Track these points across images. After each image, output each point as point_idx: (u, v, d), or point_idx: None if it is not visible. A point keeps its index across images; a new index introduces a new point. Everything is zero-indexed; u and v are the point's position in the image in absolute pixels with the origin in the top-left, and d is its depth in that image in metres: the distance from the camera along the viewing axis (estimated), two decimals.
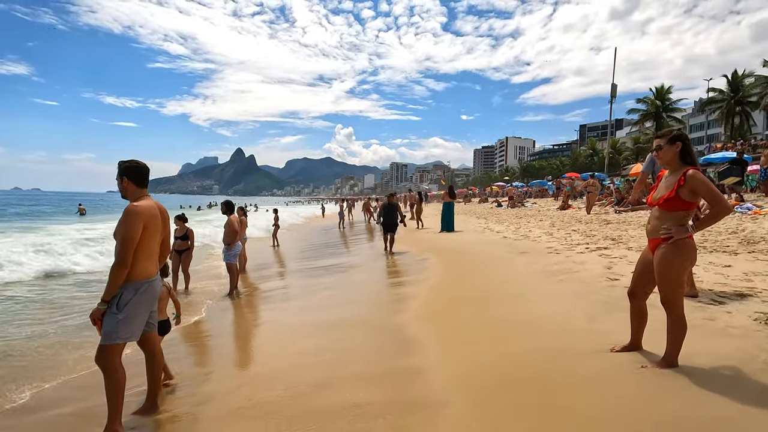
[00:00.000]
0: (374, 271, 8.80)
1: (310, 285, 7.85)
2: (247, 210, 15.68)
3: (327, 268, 9.51)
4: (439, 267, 7.77)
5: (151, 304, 2.90)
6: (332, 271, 9.19)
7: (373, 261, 9.97)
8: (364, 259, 10.72)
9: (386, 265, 9.01)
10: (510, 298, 5.12)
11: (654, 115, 44.08)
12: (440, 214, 14.39)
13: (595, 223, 12.13)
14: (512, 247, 8.95)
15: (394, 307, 5.46)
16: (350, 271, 9.13)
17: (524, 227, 12.81)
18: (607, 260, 6.30)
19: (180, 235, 7.72)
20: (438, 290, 6.06)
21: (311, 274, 9.05)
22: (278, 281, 8.77)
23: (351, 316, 5.29)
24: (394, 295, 6.31)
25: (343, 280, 8.07)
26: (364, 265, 9.67)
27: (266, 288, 8.02)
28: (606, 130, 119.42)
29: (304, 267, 10.25)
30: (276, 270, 10.38)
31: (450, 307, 5.17)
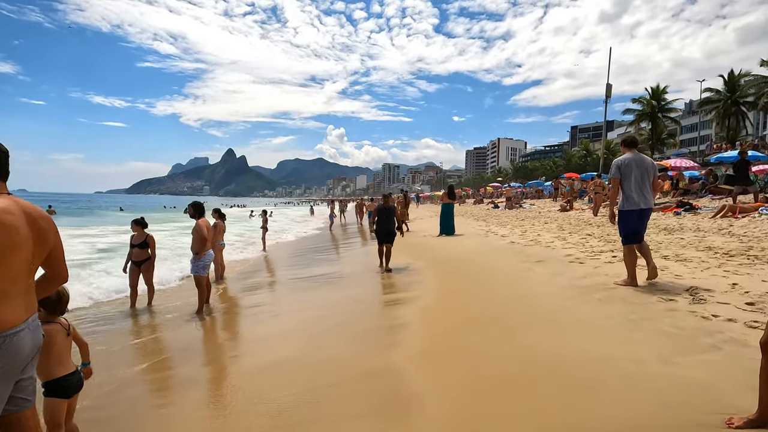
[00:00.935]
0: (367, 284, 7.66)
1: (293, 302, 6.70)
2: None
3: (315, 279, 8.37)
4: (442, 280, 6.70)
5: (12, 370, 1.78)
6: (320, 282, 8.05)
7: (366, 271, 8.86)
8: (357, 267, 9.63)
9: (381, 278, 7.85)
10: (540, 325, 4.07)
11: (650, 115, 43.61)
12: (437, 215, 13.36)
13: (607, 226, 11.18)
14: (525, 254, 7.92)
15: (387, 337, 4.33)
16: (340, 283, 7.98)
17: (531, 230, 11.83)
18: (647, 273, 5.29)
19: (138, 243, 6.54)
20: (444, 312, 4.99)
21: (296, 287, 7.89)
22: (257, 295, 7.58)
23: (335, 354, 4.09)
24: (387, 319, 5.09)
25: (330, 296, 6.88)
26: (356, 276, 8.58)
27: (243, 304, 6.88)
28: (597, 132, 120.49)
29: (290, 277, 9.11)
30: (258, 280, 9.22)
31: (461, 337, 4.08)
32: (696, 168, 17.03)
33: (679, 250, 6.71)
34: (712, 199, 14.20)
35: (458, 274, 7.13)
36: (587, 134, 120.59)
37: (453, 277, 6.84)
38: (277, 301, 7.09)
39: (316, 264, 10.64)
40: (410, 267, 8.16)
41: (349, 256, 12.06)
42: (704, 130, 64.83)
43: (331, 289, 7.38)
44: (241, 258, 12.20)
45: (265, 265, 11.25)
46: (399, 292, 6.50)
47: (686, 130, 71.16)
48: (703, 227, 8.97)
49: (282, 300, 7.09)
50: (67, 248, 2.05)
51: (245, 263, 11.39)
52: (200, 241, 6.10)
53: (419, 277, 7.19)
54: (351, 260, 11.17)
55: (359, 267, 9.59)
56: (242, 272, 9.98)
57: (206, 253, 6.16)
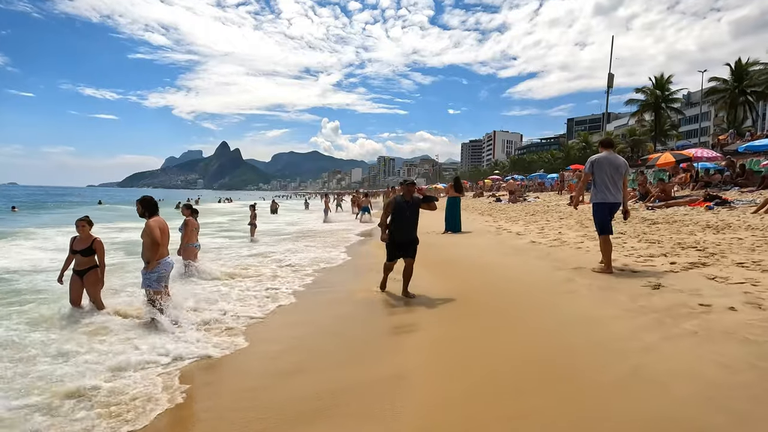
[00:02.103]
0: (353, 303, 5.63)
1: (263, 335, 5.34)
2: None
3: (300, 295, 6.93)
4: (459, 296, 5.24)
5: None
6: (305, 297, 6.58)
7: (357, 281, 7.47)
8: (349, 276, 8.28)
9: (373, 299, 5.59)
10: (629, 383, 2.78)
11: (653, 105, 42.40)
12: (441, 210, 12.04)
13: (636, 221, 9.94)
14: (555, 259, 6.65)
15: (375, 403, 2.77)
16: (330, 301, 6.59)
17: (548, 228, 10.56)
18: (740, 290, 4.02)
19: (82, 248, 5.15)
20: (466, 355, 3.53)
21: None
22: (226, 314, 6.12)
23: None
24: (377, 366, 3.44)
25: (313, 325, 4.82)
26: (348, 287, 7.20)
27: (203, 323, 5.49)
28: (594, 124, 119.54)
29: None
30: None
31: (501, 405, 2.68)
32: (716, 158, 15.84)
33: (748, 255, 5.47)
34: (741, 192, 13.01)
35: (478, 286, 5.76)
36: (584, 126, 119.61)
37: (472, 292, 5.45)
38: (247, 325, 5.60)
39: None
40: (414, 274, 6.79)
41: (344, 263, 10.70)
42: (705, 121, 63.81)
43: (315, 311, 5.58)
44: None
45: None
46: (397, 312, 4.86)
47: (684, 122, 70.15)
48: (756, 224, 7.74)
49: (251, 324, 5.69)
50: None
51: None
52: (151, 246, 4.73)
53: (426, 289, 5.54)
54: (348, 269, 9.80)
55: (346, 277, 8.22)
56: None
57: (161, 261, 4.80)
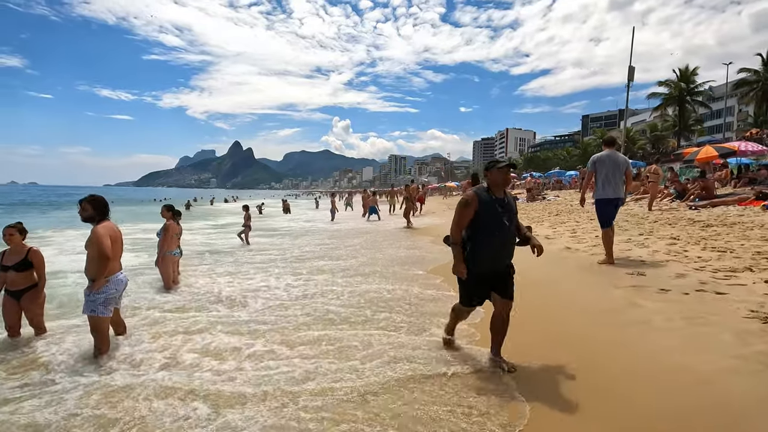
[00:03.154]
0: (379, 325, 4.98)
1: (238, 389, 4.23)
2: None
3: (291, 320, 5.87)
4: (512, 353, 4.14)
5: None
6: (300, 321, 5.52)
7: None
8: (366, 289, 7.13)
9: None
10: None
11: (677, 99, 40.43)
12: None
13: (684, 223, 8.65)
14: (602, 272, 5.45)
15: None
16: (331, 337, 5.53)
17: (579, 230, 9.33)
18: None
19: (15, 263, 4.14)
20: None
21: (259, 328, 5.42)
22: (201, 340, 4.74)
23: None
24: None
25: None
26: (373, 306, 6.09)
27: (180, 357, 4.40)
28: (609, 120, 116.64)
29: (261, 306, 6.58)
30: (217, 302, 6.80)
31: None
32: (762, 152, 14.36)
33: None
34: None
35: (524, 317, 4.59)
36: (599, 123, 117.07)
37: (519, 330, 4.11)
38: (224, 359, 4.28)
39: (310, 273, 8.17)
40: (438, 295, 5.62)
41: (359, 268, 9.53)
42: (729, 116, 61.18)
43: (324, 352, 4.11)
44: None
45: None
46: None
47: (705, 118, 67.46)
48: None
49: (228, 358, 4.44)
50: None
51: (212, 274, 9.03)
52: (99, 259, 3.68)
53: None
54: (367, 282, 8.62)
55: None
56: (201, 293, 7.58)
57: (110, 278, 3.76)
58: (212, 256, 9.22)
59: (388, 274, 6.81)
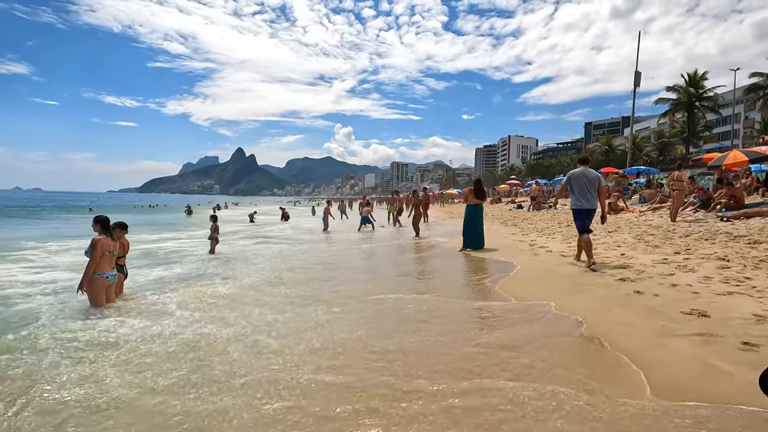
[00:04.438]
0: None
1: None
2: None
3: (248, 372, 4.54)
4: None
5: None
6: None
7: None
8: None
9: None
10: None
11: (686, 104, 39.22)
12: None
13: (723, 238, 7.40)
14: (645, 303, 4.22)
15: None
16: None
17: (597, 243, 8.08)
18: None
19: None
20: None
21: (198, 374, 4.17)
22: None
23: None
24: None
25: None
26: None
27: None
28: (612, 128, 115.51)
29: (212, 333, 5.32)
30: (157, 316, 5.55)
31: None
32: None
33: None
34: None
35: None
36: (602, 130, 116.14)
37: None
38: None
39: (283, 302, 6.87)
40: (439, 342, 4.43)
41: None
42: (736, 123, 59.84)
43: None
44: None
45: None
46: None
47: (713, 124, 66.13)
48: None
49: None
50: None
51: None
52: None
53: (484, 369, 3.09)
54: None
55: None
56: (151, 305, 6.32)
57: None
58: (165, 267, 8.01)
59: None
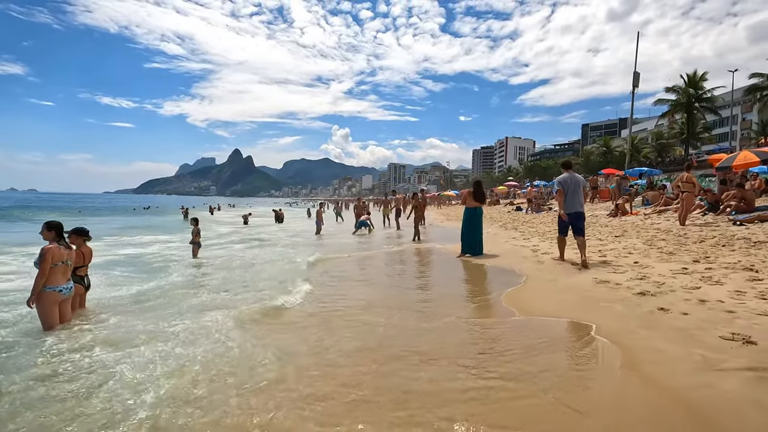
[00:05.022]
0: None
1: None
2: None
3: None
4: None
5: None
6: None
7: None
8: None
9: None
10: None
11: (685, 105, 38.82)
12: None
13: (742, 244, 6.84)
14: (700, 342, 3.64)
15: None
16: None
17: (607, 251, 7.50)
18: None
19: None
20: None
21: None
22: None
23: None
24: None
25: None
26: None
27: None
28: (609, 129, 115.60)
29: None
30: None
31: None
32: None
33: None
34: None
35: None
36: (599, 132, 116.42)
37: None
38: None
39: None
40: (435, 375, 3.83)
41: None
42: (733, 125, 59.71)
43: None
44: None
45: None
46: None
47: (711, 126, 65.94)
48: None
49: None
50: None
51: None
52: None
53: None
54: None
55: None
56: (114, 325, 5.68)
57: None
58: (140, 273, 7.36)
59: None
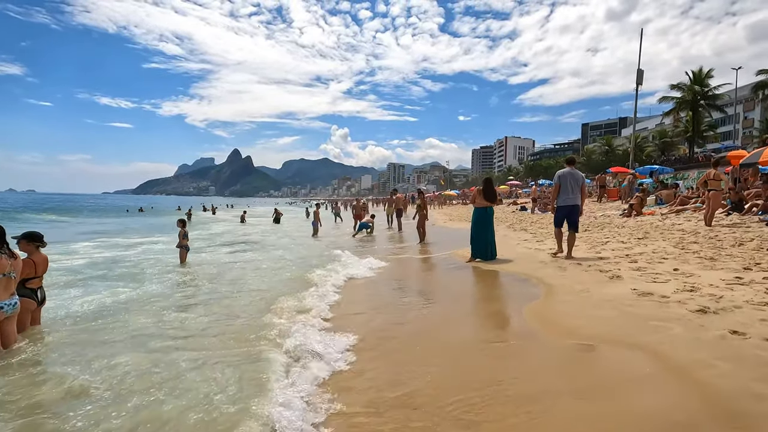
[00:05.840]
0: None
1: None
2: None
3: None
4: None
5: None
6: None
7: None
8: None
9: None
10: None
11: (690, 103, 38.06)
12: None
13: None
14: (758, 358, 2.86)
15: None
16: None
17: (635, 255, 6.71)
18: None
19: None
20: None
21: None
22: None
23: None
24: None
25: None
26: None
27: None
28: (609, 129, 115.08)
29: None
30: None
31: None
32: None
33: None
34: None
35: None
36: (599, 131, 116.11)
37: None
38: None
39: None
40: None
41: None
42: (736, 123, 59.02)
43: None
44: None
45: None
46: None
47: (714, 124, 65.31)
48: None
49: None
50: None
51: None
52: None
53: None
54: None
55: None
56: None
57: None
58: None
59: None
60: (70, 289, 6.61)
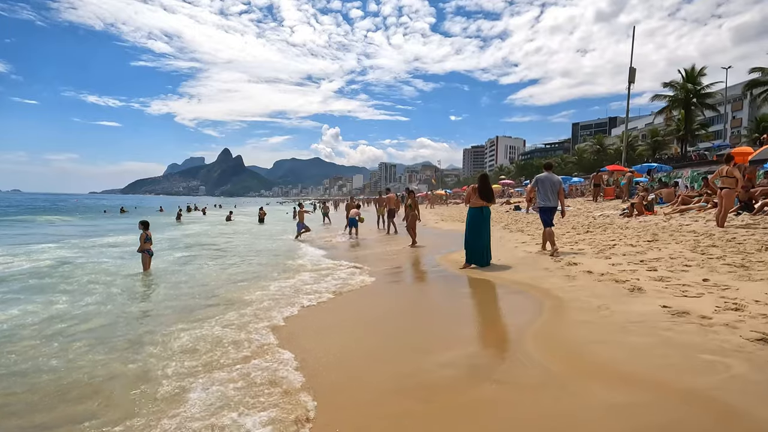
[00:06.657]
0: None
1: None
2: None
3: None
4: None
5: None
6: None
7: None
8: None
9: None
10: None
11: (683, 102, 37.76)
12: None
13: None
14: None
15: None
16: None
17: (654, 261, 5.91)
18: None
19: None
20: None
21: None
22: None
23: None
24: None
25: None
26: None
27: None
28: (599, 128, 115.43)
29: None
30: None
31: None
32: None
33: None
34: None
35: None
36: (589, 131, 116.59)
37: None
38: None
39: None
40: None
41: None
42: (727, 123, 59.15)
43: None
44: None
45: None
46: None
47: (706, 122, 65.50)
48: None
49: None
50: None
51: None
52: None
53: None
54: None
55: None
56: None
57: None
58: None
59: None
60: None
